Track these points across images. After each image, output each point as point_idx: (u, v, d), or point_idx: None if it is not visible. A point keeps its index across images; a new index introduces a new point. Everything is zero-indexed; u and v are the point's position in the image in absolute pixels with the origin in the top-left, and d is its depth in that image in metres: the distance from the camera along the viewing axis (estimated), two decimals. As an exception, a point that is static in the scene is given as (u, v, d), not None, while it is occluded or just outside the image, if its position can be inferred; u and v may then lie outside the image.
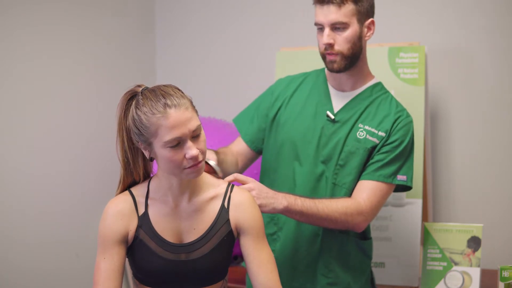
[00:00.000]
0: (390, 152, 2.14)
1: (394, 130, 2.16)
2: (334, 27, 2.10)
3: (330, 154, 2.17)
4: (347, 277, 2.21)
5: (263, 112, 2.30)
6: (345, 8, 2.08)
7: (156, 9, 3.58)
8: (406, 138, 2.16)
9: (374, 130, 2.16)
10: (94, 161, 3.13)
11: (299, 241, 2.20)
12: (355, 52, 2.13)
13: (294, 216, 2.03)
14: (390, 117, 2.17)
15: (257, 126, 2.29)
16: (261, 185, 1.97)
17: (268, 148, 2.28)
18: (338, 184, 2.16)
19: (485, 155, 2.96)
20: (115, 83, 3.21)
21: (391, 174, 2.14)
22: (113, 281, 1.70)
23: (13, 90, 2.75)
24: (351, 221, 2.08)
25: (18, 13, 2.76)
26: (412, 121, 2.20)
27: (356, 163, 2.15)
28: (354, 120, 2.18)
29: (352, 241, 2.21)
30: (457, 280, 2.27)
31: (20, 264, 2.76)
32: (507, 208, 2.92)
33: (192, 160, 1.65)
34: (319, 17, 2.11)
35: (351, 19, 2.10)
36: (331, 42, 2.10)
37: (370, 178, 2.13)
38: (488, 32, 2.93)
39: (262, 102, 2.32)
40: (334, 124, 2.20)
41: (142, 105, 1.65)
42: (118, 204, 1.75)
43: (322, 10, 2.10)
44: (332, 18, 2.08)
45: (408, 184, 2.18)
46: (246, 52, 3.41)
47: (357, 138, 2.16)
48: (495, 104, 2.93)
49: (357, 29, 2.12)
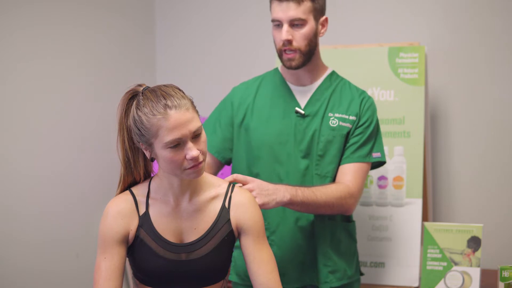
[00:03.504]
0: (363, 134, 2.23)
1: (362, 111, 2.24)
2: (292, 23, 2.14)
3: (308, 147, 2.22)
4: (342, 264, 2.25)
5: (225, 122, 2.31)
6: (303, 5, 2.13)
7: (156, 9, 3.58)
8: (373, 117, 2.26)
9: (344, 116, 2.23)
10: (94, 161, 3.13)
11: (297, 239, 2.21)
12: (311, 49, 2.19)
13: (296, 208, 2.06)
14: (355, 101, 2.25)
15: (221, 136, 2.30)
16: (260, 182, 1.97)
17: (240, 156, 2.29)
18: (321, 174, 2.21)
19: (485, 155, 2.96)
20: (115, 83, 3.22)
21: (367, 153, 2.23)
22: (113, 281, 1.70)
23: (13, 90, 2.75)
24: (345, 204, 2.14)
25: (18, 13, 2.76)
26: (373, 100, 2.30)
27: (335, 150, 2.21)
28: (323, 110, 2.23)
29: (340, 226, 2.27)
30: (457, 280, 2.27)
31: (20, 264, 2.76)
32: (507, 208, 2.92)
33: (193, 161, 1.66)
34: (278, 14, 2.15)
35: (309, 16, 2.15)
36: (290, 38, 2.14)
37: (351, 161, 2.21)
38: (488, 32, 2.93)
39: (222, 113, 2.33)
40: (305, 119, 2.23)
41: (143, 106, 1.65)
42: (118, 204, 1.74)
43: (280, 6, 2.14)
44: (291, 15, 2.12)
45: (382, 159, 2.27)
46: (246, 52, 3.41)
47: (331, 126, 2.22)
48: (495, 104, 2.93)
49: (314, 26, 2.17)
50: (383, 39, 2.90)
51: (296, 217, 2.20)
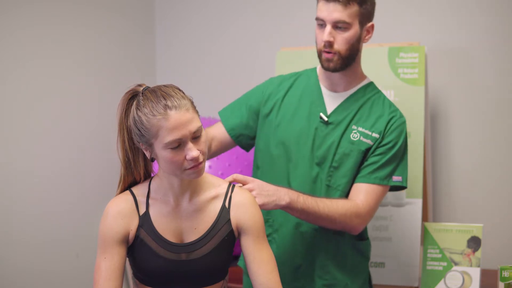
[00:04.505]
0: (384, 154, 2.14)
1: (388, 131, 2.15)
2: (336, 25, 2.08)
3: (324, 156, 2.16)
4: (345, 278, 2.20)
5: (253, 110, 2.27)
6: (350, 9, 2.06)
7: (156, 9, 3.58)
8: (400, 139, 2.16)
9: (367, 132, 2.15)
10: (94, 161, 3.13)
11: (296, 244, 2.19)
12: (352, 53, 2.12)
13: (295, 214, 2.03)
14: (383, 118, 2.17)
15: (245, 123, 2.27)
16: (261, 183, 1.96)
17: (260, 147, 2.26)
18: (333, 186, 2.15)
19: (485, 155, 2.96)
20: (115, 83, 3.21)
21: (386, 176, 2.14)
22: (113, 281, 1.70)
23: (13, 90, 2.75)
24: (350, 223, 2.08)
25: (18, 13, 2.76)
26: (405, 121, 2.20)
27: (350, 164, 2.14)
28: (348, 121, 2.17)
29: (348, 243, 2.20)
30: (457, 280, 2.27)
31: (20, 264, 2.76)
32: (507, 208, 2.92)
33: (193, 161, 1.65)
34: (323, 13, 2.08)
35: (354, 20, 2.08)
36: (331, 40, 2.08)
37: (366, 181, 2.13)
38: (488, 32, 2.93)
39: (252, 100, 2.29)
40: (327, 126, 2.18)
41: (143, 106, 1.65)
42: (118, 204, 1.75)
43: (327, 6, 2.07)
44: (336, 17, 2.06)
45: (403, 185, 2.18)
46: (246, 52, 3.41)
47: (351, 140, 2.15)
48: (495, 104, 2.94)
49: (358, 30, 2.10)
50: (383, 39, 2.90)
51: (298, 222, 2.17)
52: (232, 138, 2.28)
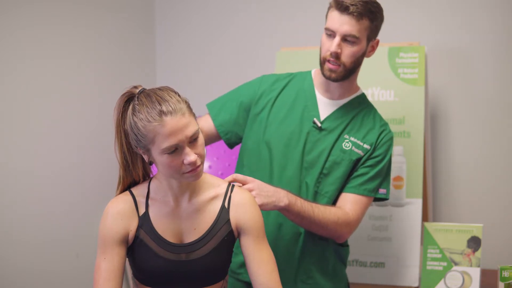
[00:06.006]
0: (373, 167, 2.17)
1: (378, 144, 2.18)
2: (345, 38, 2.07)
3: (314, 161, 2.17)
4: (327, 284, 2.21)
5: (243, 107, 2.26)
6: (361, 23, 2.06)
7: (156, 9, 3.58)
8: (387, 153, 2.20)
9: (359, 142, 2.18)
10: (94, 161, 3.13)
11: (278, 245, 2.17)
12: (355, 67, 2.14)
13: (290, 216, 2.03)
14: (375, 131, 2.19)
15: (235, 119, 2.26)
16: (261, 183, 1.95)
17: (248, 145, 2.25)
18: (320, 192, 2.16)
19: (485, 155, 2.96)
20: (115, 83, 3.21)
21: (374, 188, 2.18)
22: (113, 281, 1.70)
23: (13, 90, 2.75)
24: (339, 230, 2.10)
25: (18, 13, 2.76)
26: (393, 136, 2.24)
27: (340, 173, 2.16)
28: (341, 130, 2.18)
29: (331, 248, 2.22)
30: (457, 280, 2.27)
31: (20, 264, 2.76)
32: (507, 208, 2.92)
33: (191, 165, 1.65)
34: (334, 25, 2.07)
35: (363, 35, 2.09)
36: (339, 52, 2.08)
37: (356, 192, 2.15)
38: (488, 32, 2.93)
39: (244, 96, 2.27)
40: (320, 132, 2.19)
41: (138, 112, 1.64)
42: (118, 205, 1.75)
43: (339, 17, 2.06)
44: (347, 30, 2.06)
45: (387, 197, 2.23)
46: (246, 52, 3.41)
47: (342, 148, 2.17)
48: (495, 104, 2.94)
49: (364, 45, 2.11)
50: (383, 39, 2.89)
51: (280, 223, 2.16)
52: (220, 135, 2.27)
